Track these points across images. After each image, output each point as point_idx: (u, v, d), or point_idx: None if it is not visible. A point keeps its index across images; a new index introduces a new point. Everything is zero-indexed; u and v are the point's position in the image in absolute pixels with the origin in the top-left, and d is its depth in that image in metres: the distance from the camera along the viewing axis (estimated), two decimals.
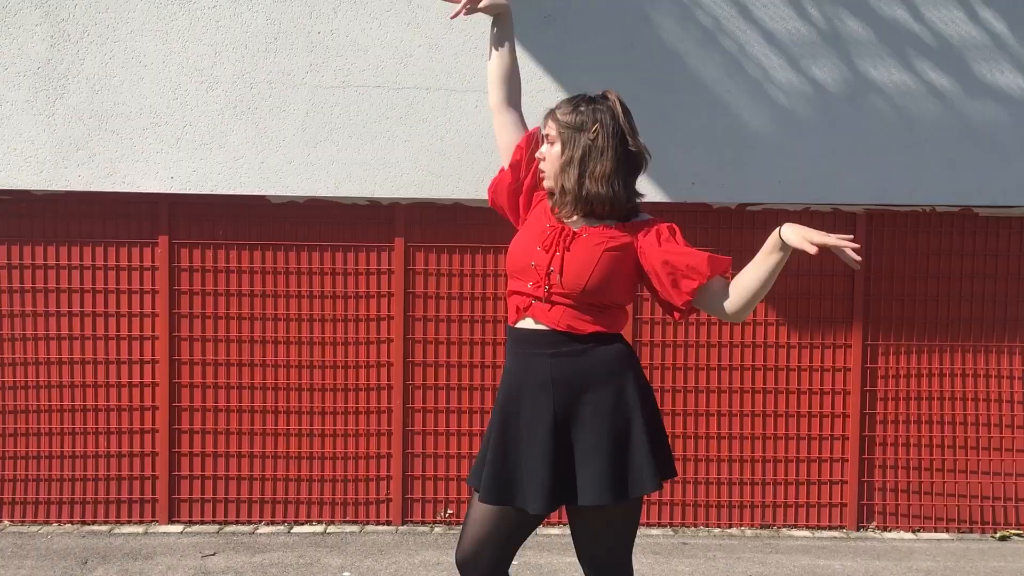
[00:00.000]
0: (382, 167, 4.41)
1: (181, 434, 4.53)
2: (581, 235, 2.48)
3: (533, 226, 2.54)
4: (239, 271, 4.51)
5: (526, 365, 2.45)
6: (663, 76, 4.41)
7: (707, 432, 4.60)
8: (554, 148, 2.51)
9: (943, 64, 4.45)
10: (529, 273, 2.45)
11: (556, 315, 2.43)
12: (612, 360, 2.44)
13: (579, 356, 2.43)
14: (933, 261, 4.61)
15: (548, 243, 2.45)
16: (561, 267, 2.42)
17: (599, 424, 2.40)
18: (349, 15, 4.37)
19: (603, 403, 2.41)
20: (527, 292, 2.45)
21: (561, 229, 2.49)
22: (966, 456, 4.64)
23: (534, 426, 2.43)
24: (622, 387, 2.43)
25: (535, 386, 2.44)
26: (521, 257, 2.48)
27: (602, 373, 2.43)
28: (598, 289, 2.43)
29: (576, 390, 2.42)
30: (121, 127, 4.35)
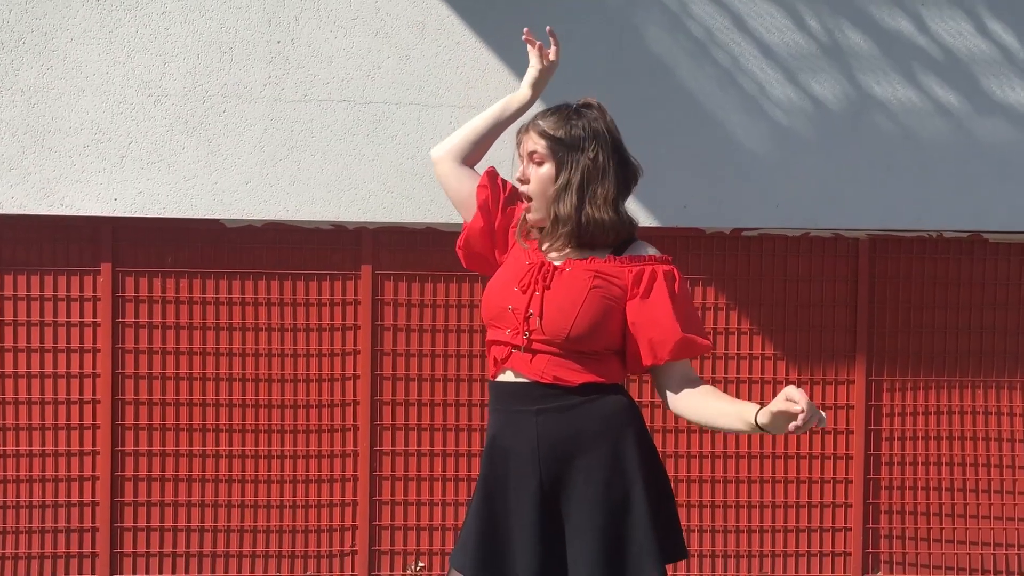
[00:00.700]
0: (347, 188, 4.06)
1: (124, 481, 4.12)
2: (564, 270, 2.14)
3: (511, 265, 2.20)
4: (190, 302, 4.12)
5: (509, 424, 2.10)
6: (652, 90, 4.10)
7: (700, 476, 4.26)
8: (543, 169, 2.16)
9: (950, 80, 4.18)
10: (506, 319, 2.11)
11: (540, 365, 2.08)
12: (608, 416, 2.10)
13: (569, 412, 2.08)
14: (940, 290, 4.31)
15: (526, 282, 2.10)
16: (541, 309, 2.07)
17: (592, 494, 2.05)
18: (312, 23, 4.03)
19: (597, 469, 2.06)
20: (505, 341, 2.10)
21: (541, 264, 2.14)
22: (977, 500, 4.32)
23: (520, 496, 2.07)
24: (620, 450, 2.08)
25: (520, 448, 2.08)
26: (497, 300, 2.14)
27: (596, 432, 2.07)
28: (586, 334, 2.08)
29: (566, 453, 2.07)
30: (59, 144, 3.96)
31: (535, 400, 2.08)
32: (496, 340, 2.14)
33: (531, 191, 2.18)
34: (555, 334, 2.07)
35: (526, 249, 2.22)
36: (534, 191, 2.17)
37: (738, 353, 4.26)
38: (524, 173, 2.21)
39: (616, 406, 2.11)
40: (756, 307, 4.26)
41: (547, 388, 2.08)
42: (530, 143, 2.22)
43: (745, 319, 4.26)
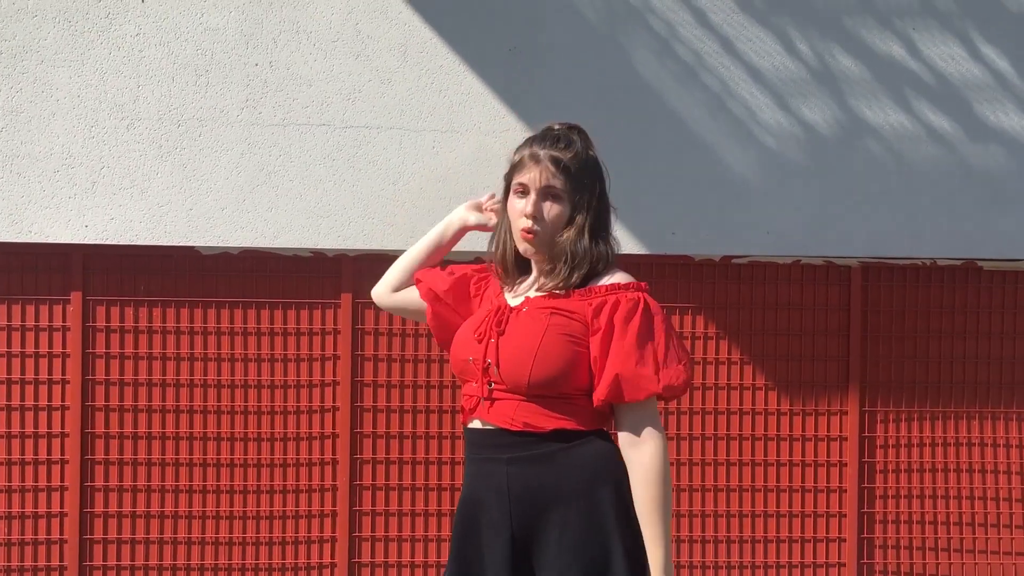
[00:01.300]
0: (327, 215, 3.95)
1: (94, 518, 3.97)
2: (521, 311, 2.01)
3: (473, 318, 2.09)
4: (163, 331, 4.00)
5: (480, 472, 1.98)
6: (639, 115, 4.02)
7: (690, 510, 4.15)
8: (557, 208, 2.03)
9: (943, 105, 4.11)
10: (468, 371, 1.99)
11: (507, 412, 1.95)
12: (585, 467, 1.94)
13: (543, 461, 1.94)
14: (935, 319, 4.23)
15: (482, 331, 1.98)
16: (497, 357, 1.94)
17: (567, 552, 1.90)
18: (291, 46, 3.93)
19: (573, 524, 1.91)
20: (472, 393, 1.99)
21: (497, 309, 2.02)
22: (974, 535, 4.22)
23: (492, 546, 1.94)
24: (598, 503, 1.92)
25: (491, 497, 1.96)
26: (458, 353, 2.04)
27: (572, 484, 1.93)
28: (548, 378, 1.94)
29: (539, 503, 1.93)
30: (28, 169, 3.84)
31: (506, 448, 1.95)
32: (465, 393, 2.03)
33: (539, 227, 2.02)
34: (514, 382, 1.93)
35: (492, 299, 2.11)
36: (543, 228, 2.02)
37: (728, 383, 4.16)
38: (536, 207, 2.02)
39: (595, 456, 1.95)
40: (747, 336, 4.17)
41: (517, 436, 1.95)
42: (547, 176, 2.03)
43: (735, 348, 4.16)
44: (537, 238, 2.02)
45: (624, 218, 3.91)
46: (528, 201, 2.03)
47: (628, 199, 3.93)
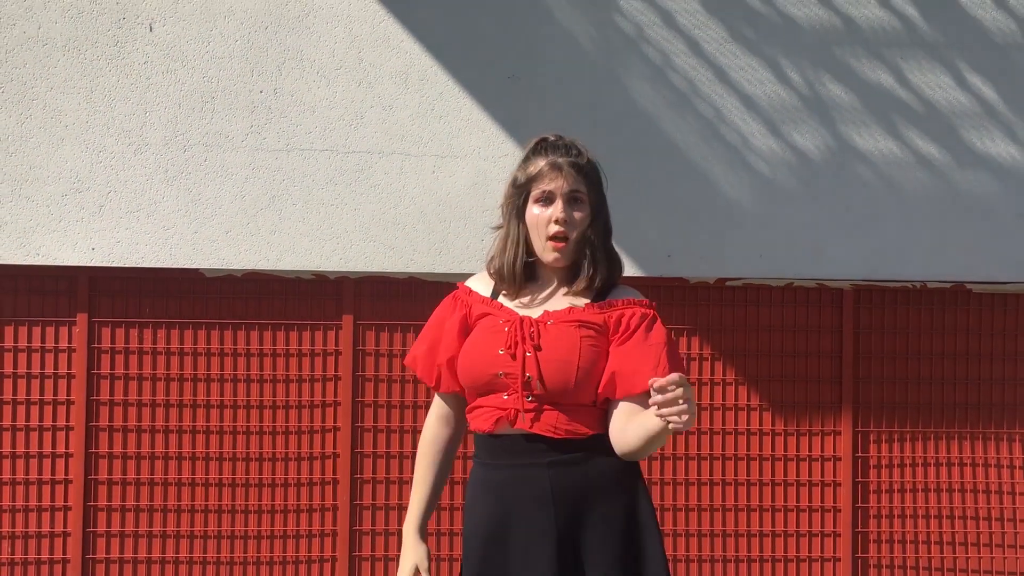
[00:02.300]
0: (329, 238, 4.04)
1: (97, 538, 4.02)
2: (546, 323, 2.09)
3: (485, 330, 2.14)
4: (167, 352, 4.07)
5: (515, 478, 2.05)
6: (635, 141, 4.12)
7: (687, 529, 4.20)
8: (583, 211, 2.13)
9: (931, 132, 4.23)
10: (499, 384, 2.06)
11: (550, 421, 2.04)
12: (619, 470, 2.07)
13: (581, 465, 2.05)
14: (925, 340, 4.31)
15: (512, 345, 2.05)
16: (538, 371, 2.02)
17: (610, 548, 2.02)
18: (294, 73, 4.04)
19: (614, 522, 2.03)
20: (506, 405, 2.06)
21: (520, 322, 2.10)
22: (967, 554, 4.28)
23: (531, 550, 2.02)
24: (634, 503, 2.06)
25: (529, 502, 2.03)
26: (483, 369, 2.08)
27: (609, 485, 2.05)
28: (586, 386, 2.06)
29: (580, 505, 2.04)
30: (36, 192, 3.93)
31: (545, 454, 2.03)
32: (492, 405, 2.08)
33: (571, 239, 2.09)
34: (559, 392, 2.03)
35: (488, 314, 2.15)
36: (574, 240, 2.10)
37: (723, 404, 4.24)
38: (564, 214, 2.09)
39: (624, 461, 2.06)
40: (741, 357, 4.25)
41: (558, 442, 2.04)
42: (572, 181, 2.11)
43: (730, 369, 4.24)
44: (568, 245, 2.10)
45: (620, 242, 3.98)
46: (556, 207, 2.09)
47: (625, 223, 4.01)
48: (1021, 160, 4.23)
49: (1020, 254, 4.22)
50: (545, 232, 2.10)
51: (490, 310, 2.14)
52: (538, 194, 2.12)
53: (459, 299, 2.22)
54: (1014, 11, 4.24)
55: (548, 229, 2.09)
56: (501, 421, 2.06)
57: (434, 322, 2.24)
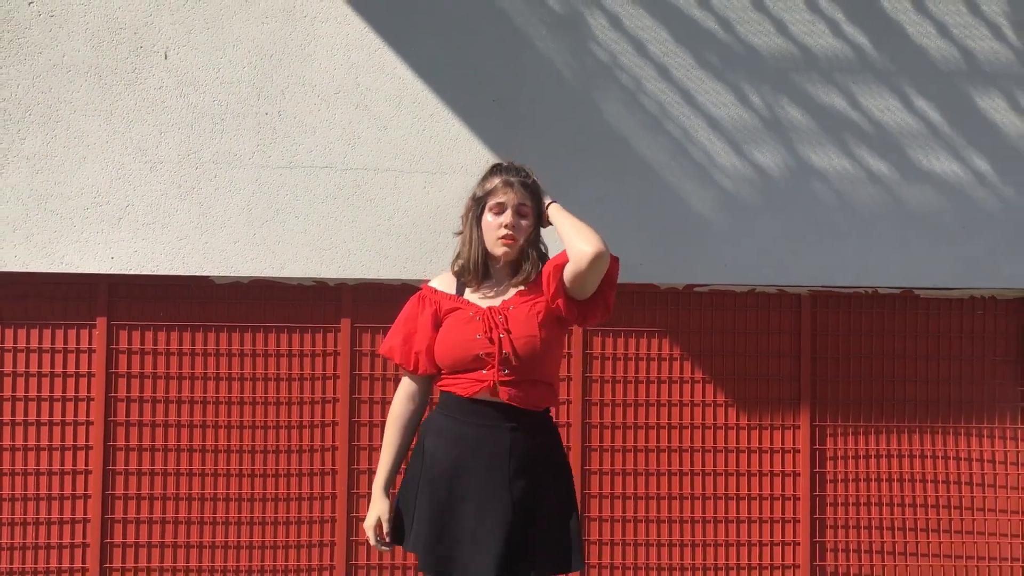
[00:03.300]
0: (328, 247, 4.37)
1: (115, 524, 4.35)
2: (509, 308, 2.53)
3: (452, 328, 2.53)
4: (180, 353, 4.41)
5: (481, 435, 2.47)
6: (609, 159, 4.46)
7: (657, 516, 4.54)
8: (526, 220, 2.61)
9: (881, 151, 4.57)
10: (478, 363, 2.45)
11: (518, 394, 2.49)
12: (553, 433, 2.60)
13: (534, 431, 2.53)
14: (877, 342, 4.66)
15: (487, 329, 2.44)
16: (512, 348, 2.42)
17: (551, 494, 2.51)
18: (297, 96, 4.38)
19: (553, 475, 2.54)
20: (484, 379, 2.45)
21: (490, 313, 2.50)
22: (916, 539, 4.62)
23: (488, 489, 2.46)
24: (561, 460, 2.59)
25: (487, 456, 2.46)
26: (464, 352, 2.48)
27: (550, 446, 2.57)
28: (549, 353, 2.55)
29: (526, 462, 2.49)
30: (60, 207, 4.27)
31: (509, 419, 2.50)
32: (472, 378, 2.48)
33: (516, 235, 2.58)
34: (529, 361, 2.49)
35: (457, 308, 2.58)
36: (518, 235, 2.59)
37: (692, 400, 4.57)
38: (512, 220, 2.59)
39: (554, 427, 2.60)
40: (707, 357, 4.59)
41: (520, 410, 2.50)
42: (519, 196, 2.61)
43: (697, 369, 4.58)
44: (514, 243, 2.58)
45: None
46: (506, 215, 2.59)
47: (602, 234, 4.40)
48: (963, 176, 4.58)
49: (963, 262, 4.56)
50: (496, 234, 2.59)
51: (458, 305, 2.55)
52: (492, 205, 2.61)
53: (426, 298, 2.63)
54: (957, 40, 4.60)
55: (499, 232, 2.59)
56: (480, 391, 2.44)
57: (406, 317, 2.64)
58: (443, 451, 2.52)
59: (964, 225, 4.56)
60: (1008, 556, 4.63)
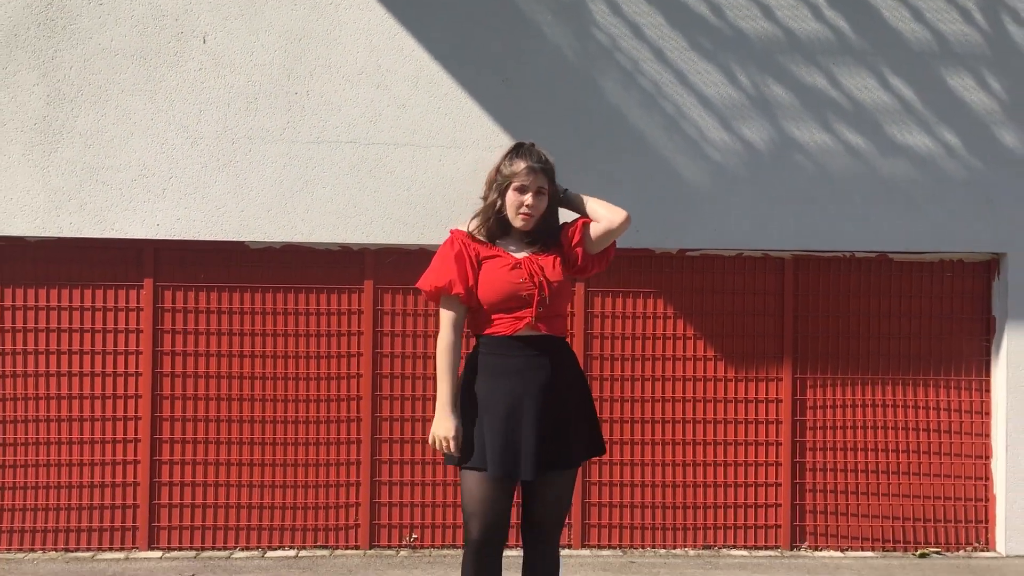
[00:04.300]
0: (353, 215, 4.80)
1: (162, 465, 4.82)
2: (541, 262, 3.06)
3: (496, 273, 3.00)
4: (219, 311, 4.85)
5: (528, 363, 2.98)
6: (609, 134, 4.86)
7: (652, 460, 4.98)
8: (543, 199, 3.08)
9: (859, 126, 4.96)
10: (521, 301, 2.99)
11: (551, 326, 3.05)
12: (573, 356, 3.15)
13: (562, 352, 3.09)
14: (854, 301, 5.08)
15: (526, 276, 2.98)
16: (548, 291, 3.00)
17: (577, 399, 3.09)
18: (324, 77, 4.79)
19: (576, 386, 3.10)
20: (524, 316, 2.98)
21: (528, 261, 2.97)
22: (888, 480, 5.06)
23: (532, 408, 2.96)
24: (581, 372, 3.16)
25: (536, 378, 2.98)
26: (511, 291, 2.99)
27: (572, 364, 3.12)
28: (567, 298, 3.15)
29: (564, 376, 3.05)
30: (111, 179, 4.71)
31: (548, 347, 3.03)
32: (515, 317, 2.99)
33: (533, 211, 3.05)
34: (556, 301, 3.04)
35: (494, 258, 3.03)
36: (535, 211, 3.06)
37: (684, 355, 5.01)
38: (534, 204, 3.05)
39: (570, 347, 3.18)
40: (698, 316, 5.02)
41: (553, 339, 3.05)
42: (540, 181, 3.07)
43: (689, 326, 5.02)
44: (531, 219, 3.06)
45: None
46: (528, 196, 3.05)
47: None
48: (934, 149, 4.98)
49: (933, 228, 4.97)
50: (518, 210, 3.05)
51: (496, 253, 3.00)
52: (517, 185, 3.05)
53: (467, 243, 3.05)
54: (930, 24, 4.98)
55: (521, 209, 3.05)
56: (522, 328, 2.99)
57: (454, 257, 3.04)
58: (496, 383, 2.99)
59: (935, 193, 4.97)
60: (972, 496, 5.08)
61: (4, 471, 4.75)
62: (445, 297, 3.05)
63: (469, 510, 2.97)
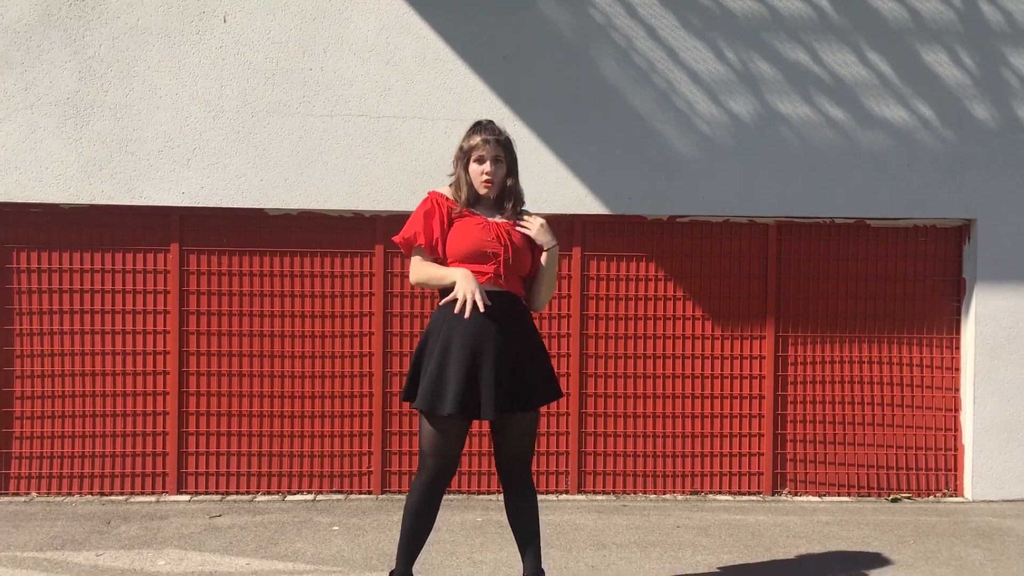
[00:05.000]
0: (364, 184, 5.14)
1: (188, 416, 5.20)
2: (508, 227, 3.39)
3: (468, 228, 3.32)
4: (240, 274, 5.21)
5: (489, 313, 3.27)
6: (604, 108, 5.19)
7: (644, 412, 5.35)
8: (501, 168, 3.38)
9: (839, 99, 5.28)
10: (486, 259, 3.26)
11: (510, 284, 3.36)
12: (529, 314, 3.46)
13: (518, 307, 3.40)
14: (833, 264, 5.42)
15: (494, 236, 3.27)
16: (512, 251, 3.25)
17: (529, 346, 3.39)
18: (337, 54, 5.12)
19: (529, 338, 3.40)
20: (487, 271, 3.25)
21: (497, 225, 3.31)
22: (863, 431, 5.43)
23: (491, 355, 3.28)
24: (535, 329, 3.46)
25: (493, 327, 3.28)
26: (477, 248, 3.29)
27: (527, 320, 3.42)
28: (526, 259, 3.42)
29: (515, 328, 3.35)
30: (139, 149, 5.04)
31: (506, 302, 3.34)
32: (479, 270, 3.27)
33: (494, 179, 3.37)
34: (517, 263, 3.35)
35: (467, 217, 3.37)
36: (495, 178, 3.37)
37: (674, 315, 5.37)
38: (492, 171, 3.37)
39: (525, 306, 3.46)
40: (687, 278, 5.37)
41: (509, 295, 3.36)
42: (496, 150, 3.38)
43: (679, 287, 5.37)
44: (493, 186, 3.38)
45: (593, 186, 5.14)
46: (486, 166, 3.38)
47: (596, 172, 5.16)
48: (910, 122, 5.30)
49: (908, 196, 5.31)
50: (480, 179, 3.38)
51: (466, 214, 3.33)
52: (476, 156, 3.39)
53: (439, 202, 3.39)
54: (906, 2, 5.28)
55: (481, 177, 3.38)
56: (485, 281, 3.25)
57: (424, 214, 3.39)
58: (456, 331, 3.29)
59: (909, 163, 5.30)
60: (942, 446, 5.45)
61: (44, 422, 5.13)
62: (414, 248, 3.42)
63: (427, 448, 3.32)
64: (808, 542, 4.51)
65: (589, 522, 4.78)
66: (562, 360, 5.28)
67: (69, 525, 4.61)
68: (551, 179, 5.10)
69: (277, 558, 4.15)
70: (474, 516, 4.84)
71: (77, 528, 4.57)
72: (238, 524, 4.66)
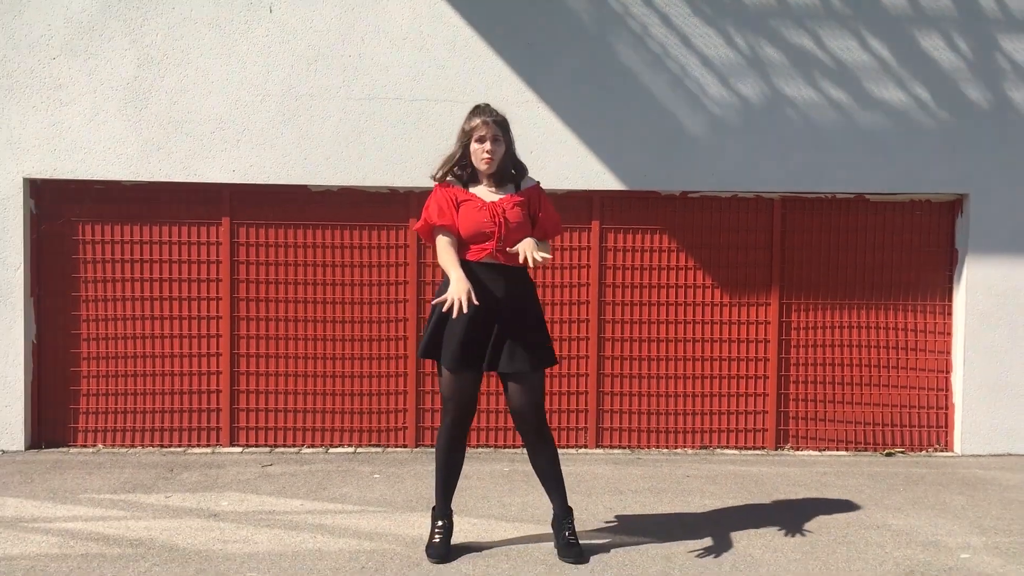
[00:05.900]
0: (399, 162, 5.56)
1: (239, 375, 5.67)
2: (504, 205, 3.76)
3: (469, 213, 3.75)
4: (285, 245, 5.66)
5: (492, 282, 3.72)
6: (622, 91, 5.58)
7: (657, 373, 5.79)
8: (500, 147, 3.76)
9: (841, 82, 5.65)
10: (487, 236, 3.72)
11: (508, 257, 3.76)
12: (530, 283, 3.87)
13: (517, 277, 3.81)
14: (834, 236, 5.81)
15: (491, 217, 3.72)
16: (507, 230, 3.73)
17: (527, 314, 3.80)
18: (374, 42, 5.52)
19: (530, 305, 3.83)
20: (489, 247, 3.73)
21: (493, 205, 3.73)
22: (861, 391, 5.85)
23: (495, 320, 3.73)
24: (536, 296, 3.89)
25: (494, 297, 3.72)
26: (478, 228, 3.73)
27: (525, 288, 3.84)
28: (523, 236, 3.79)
29: (516, 298, 3.78)
30: (193, 131, 5.48)
31: (504, 274, 3.76)
32: (481, 247, 3.73)
33: (494, 157, 3.75)
34: (514, 241, 3.73)
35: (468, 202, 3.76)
36: (495, 156, 3.75)
37: (685, 283, 5.78)
38: (492, 149, 3.75)
39: (528, 276, 3.86)
40: (697, 249, 5.78)
41: (509, 267, 3.76)
42: (493, 130, 3.75)
43: (690, 258, 5.78)
44: (492, 162, 3.76)
45: (611, 163, 5.54)
46: (486, 144, 3.76)
47: (613, 150, 5.56)
48: (908, 103, 5.67)
49: (905, 173, 5.68)
50: (481, 156, 3.76)
51: (469, 197, 3.76)
52: (477, 136, 3.78)
53: (448, 190, 3.81)
54: None
55: (482, 155, 3.76)
56: (484, 256, 3.73)
57: (439, 200, 3.81)
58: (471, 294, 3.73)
59: (907, 142, 5.67)
60: (934, 405, 5.87)
61: (108, 381, 5.62)
62: (435, 228, 3.80)
63: (446, 395, 3.78)
64: (807, 489, 4.95)
65: (607, 472, 5.24)
66: (581, 325, 5.71)
67: (136, 472, 5.11)
68: (571, 157, 5.51)
69: (327, 500, 4.64)
70: (501, 467, 5.31)
71: (144, 475, 5.06)
72: (288, 472, 5.15)
